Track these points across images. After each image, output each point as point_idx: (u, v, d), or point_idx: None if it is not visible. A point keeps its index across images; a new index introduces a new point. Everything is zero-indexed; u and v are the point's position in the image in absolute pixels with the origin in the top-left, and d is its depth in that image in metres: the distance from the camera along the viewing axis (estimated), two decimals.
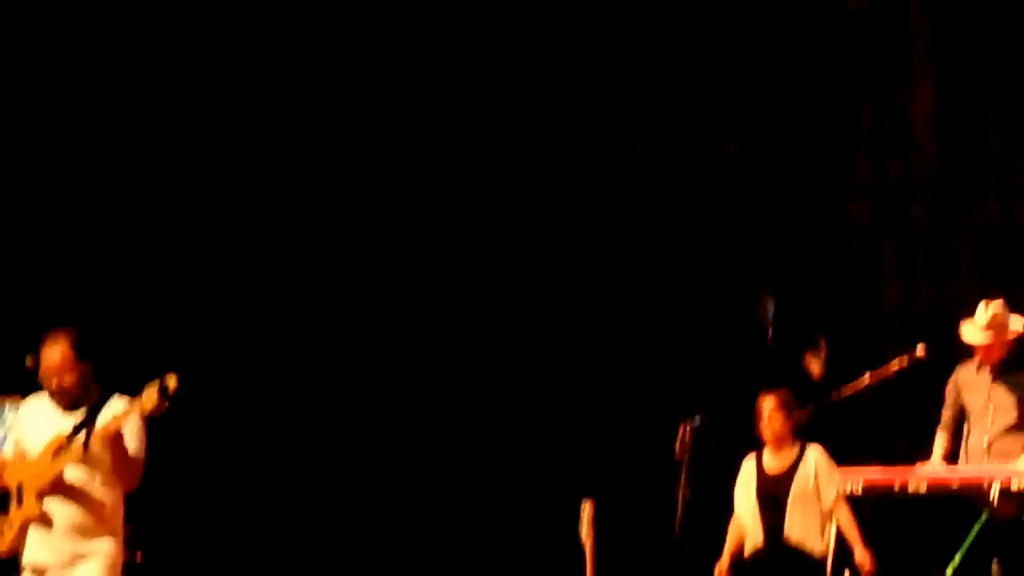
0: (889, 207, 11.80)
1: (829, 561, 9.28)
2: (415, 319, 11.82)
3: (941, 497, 9.53)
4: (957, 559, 9.27)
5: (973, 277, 11.30)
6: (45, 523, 7.12)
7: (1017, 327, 9.74)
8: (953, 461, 9.85)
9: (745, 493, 9.34)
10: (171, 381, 6.78)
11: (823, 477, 9.23)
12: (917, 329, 10.50)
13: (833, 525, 9.24)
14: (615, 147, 11.86)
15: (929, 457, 9.89)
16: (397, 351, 11.77)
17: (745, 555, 9.27)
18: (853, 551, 9.22)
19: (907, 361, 9.98)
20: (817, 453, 9.29)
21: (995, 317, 9.68)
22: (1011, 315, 9.75)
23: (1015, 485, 9.25)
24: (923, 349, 9.97)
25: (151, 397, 6.80)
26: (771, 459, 9.34)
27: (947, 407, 9.99)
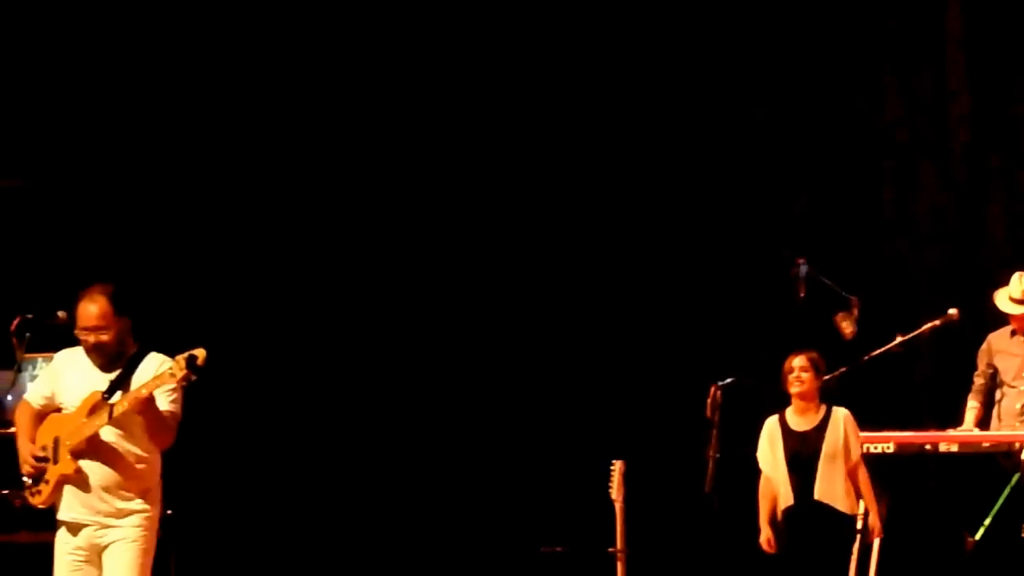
0: (924, 171, 11.79)
1: (859, 521, 9.31)
2: (448, 284, 11.86)
3: (972, 460, 9.54)
4: (988, 521, 9.28)
5: (1008, 246, 11.28)
6: (80, 481, 7.09)
7: None
8: (985, 427, 9.86)
9: (772, 452, 9.31)
10: (200, 354, 6.79)
11: (851, 438, 9.22)
12: (949, 295, 10.47)
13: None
14: (646, 113, 11.85)
15: (960, 423, 9.90)
16: (429, 315, 11.82)
17: (778, 514, 9.27)
18: (867, 513, 9.26)
19: (940, 323, 9.99)
20: (845, 414, 9.27)
21: None
22: None
23: None
24: (956, 312, 9.97)
25: (180, 368, 6.82)
26: (796, 419, 9.31)
27: (979, 374, 10.01)
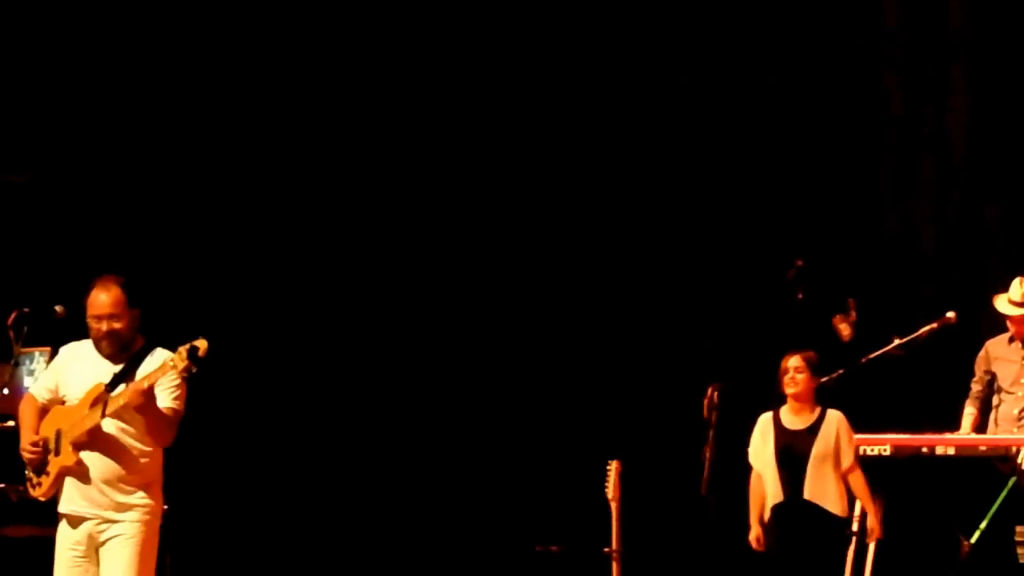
0: (923, 173, 11.80)
1: (855, 523, 9.34)
2: (447, 284, 11.87)
3: (968, 463, 9.56)
4: (983, 525, 9.30)
5: (1008, 247, 11.30)
6: (81, 473, 7.08)
7: None
8: (982, 434, 9.87)
9: (763, 448, 9.33)
10: (202, 345, 6.80)
11: (843, 440, 9.24)
12: (948, 299, 10.49)
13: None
14: (646, 113, 11.86)
15: (957, 428, 9.92)
16: (429, 315, 11.84)
17: (766, 511, 9.28)
18: (865, 516, 9.29)
19: (938, 325, 10.00)
20: (839, 416, 9.30)
21: None
22: None
23: None
24: (954, 315, 9.99)
25: (181, 359, 6.83)
26: (790, 418, 9.33)
27: (977, 380, 10.01)
